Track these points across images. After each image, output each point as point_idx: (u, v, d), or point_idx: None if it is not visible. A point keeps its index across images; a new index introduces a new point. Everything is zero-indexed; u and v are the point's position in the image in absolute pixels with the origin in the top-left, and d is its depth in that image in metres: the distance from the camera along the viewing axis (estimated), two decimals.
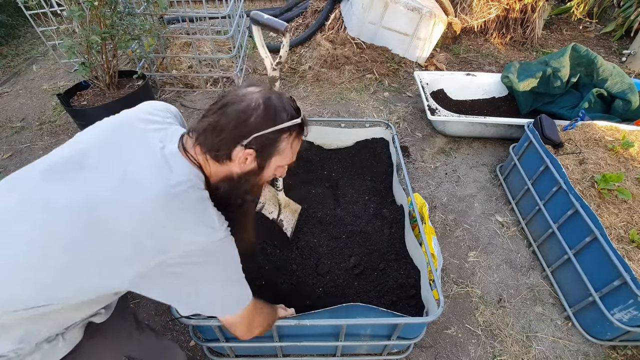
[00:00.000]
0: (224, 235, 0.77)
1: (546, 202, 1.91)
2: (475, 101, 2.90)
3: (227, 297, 0.85)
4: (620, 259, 1.45)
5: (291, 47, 3.69)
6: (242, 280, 0.87)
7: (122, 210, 0.69)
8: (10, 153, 2.52)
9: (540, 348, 1.64)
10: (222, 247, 0.77)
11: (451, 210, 2.24)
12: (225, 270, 0.81)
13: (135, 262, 0.70)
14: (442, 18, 3.28)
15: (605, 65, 2.50)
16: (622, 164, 1.89)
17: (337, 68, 3.43)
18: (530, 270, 1.94)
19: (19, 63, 3.50)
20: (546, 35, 4.16)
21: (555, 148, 2.05)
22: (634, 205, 1.71)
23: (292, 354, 1.53)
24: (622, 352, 1.62)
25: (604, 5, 4.16)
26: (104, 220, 0.68)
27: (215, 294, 0.82)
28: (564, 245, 1.74)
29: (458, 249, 2.03)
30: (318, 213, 1.81)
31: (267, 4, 4.75)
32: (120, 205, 0.69)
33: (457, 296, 1.82)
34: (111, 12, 2.18)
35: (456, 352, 1.62)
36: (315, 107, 3.07)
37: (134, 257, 0.70)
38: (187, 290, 0.78)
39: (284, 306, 1.26)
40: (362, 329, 1.34)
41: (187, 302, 0.81)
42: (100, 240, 0.68)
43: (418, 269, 1.52)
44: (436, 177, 2.46)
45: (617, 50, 3.92)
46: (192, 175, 0.77)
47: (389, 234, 1.69)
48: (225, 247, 0.78)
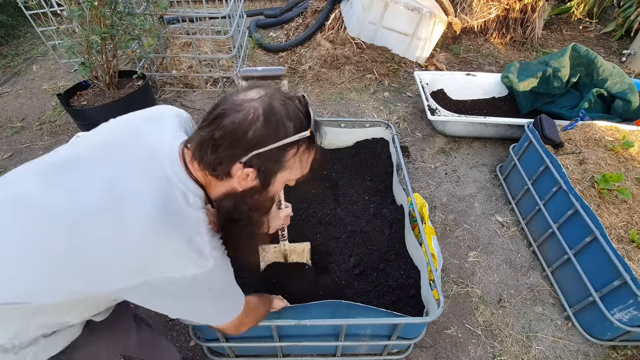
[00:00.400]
0: (213, 264, 0.71)
1: (546, 202, 1.91)
2: (475, 101, 2.90)
3: (217, 311, 0.84)
4: (620, 259, 1.45)
5: (291, 47, 3.69)
6: (234, 294, 0.85)
7: (107, 226, 0.65)
8: (10, 153, 2.52)
9: (540, 348, 1.64)
10: (212, 276, 0.72)
11: (451, 210, 2.24)
12: (215, 292, 0.77)
13: (113, 279, 0.67)
14: (442, 18, 3.28)
15: (605, 65, 2.50)
16: (622, 164, 1.89)
17: (337, 68, 3.43)
18: (530, 270, 1.94)
19: (19, 63, 3.50)
20: (546, 35, 4.16)
21: (555, 148, 2.05)
22: (634, 205, 1.70)
23: (292, 354, 1.53)
24: (622, 352, 1.62)
25: (604, 5, 4.16)
26: (84, 232, 0.65)
27: (205, 311, 0.82)
28: (564, 245, 1.74)
29: (458, 249, 2.03)
30: (318, 213, 1.81)
31: (267, 4, 4.75)
32: (105, 220, 0.65)
33: (457, 296, 1.82)
34: (111, 12, 2.18)
35: (456, 352, 1.62)
36: (315, 107, 3.07)
37: (114, 275, 0.67)
38: (172, 306, 0.76)
39: (281, 297, 1.25)
40: (362, 329, 1.34)
41: (173, 313, 0.79)
42: (76, 252, 0.65)
43: (418, 269, 1.52)
44: (436, 177, 2.46)
45: (617, 50, 3.92)
46: (189, 193, 0.71)
47: (389, 234, 1.69)
48: (215, 275, 0.73)
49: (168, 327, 1.67)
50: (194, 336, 1.35)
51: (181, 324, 1.66)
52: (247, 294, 0.94)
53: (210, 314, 0.83)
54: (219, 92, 3.19)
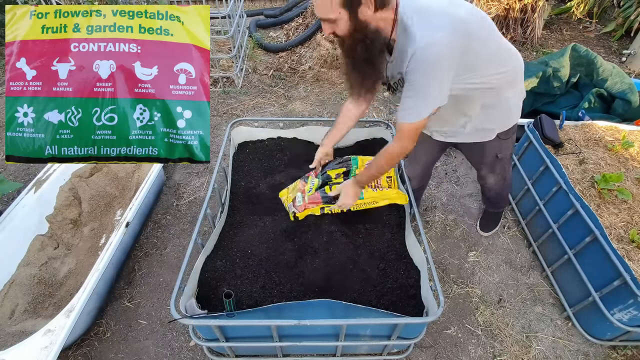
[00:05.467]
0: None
1: (546, 202, 1.91)
2: None
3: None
4: (620, 259, 1.45)
5: (291, 47, 3.69)
6: (431, 95, 1.13)
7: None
8: None
9: (540, 348, 1.64)
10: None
11: (451, 210, 2.24)
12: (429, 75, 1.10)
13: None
14: None
15: (605, 65, 2.50)
16: (622, 164, 1.89)
17: (337, 68, 3.43)
18: (530, 270, 1.94)
19: None
20: (546, 35, 4.16)
21: (555, 148, 2.05)
22: (634, 205, 1.71)
23: (292, 354, 1.53)
24: (622, 352, 1.62)
25: (604, 5, 4.16)
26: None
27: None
28: (564, 245, 1.74)
29: (458, 249, 2.03)
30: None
31: (267, 4, 4.75)
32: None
33: (457, 296, 1.82)
34: None
35: (456, 352, 1.62)
36: (315, 107, 3.07)
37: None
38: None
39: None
40: (362, 329, 1.34)
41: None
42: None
43: (418, 269, 1.52)
44: (436, 177, 2.46)
45: (617, 50, 3.92)
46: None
47: (389, 234, 1.69)
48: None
49: (168, 327, 1.67)
50: (194, 336, 1.35)
51: (181, 324, 1.66)
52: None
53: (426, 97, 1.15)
54: (219, 92, 3.19)
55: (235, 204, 1.76)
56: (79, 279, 1.72)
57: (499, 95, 1.33)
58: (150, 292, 1.81)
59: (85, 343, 1.62)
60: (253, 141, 2.08)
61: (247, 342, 1.39)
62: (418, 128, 1.21)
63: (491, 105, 1.35)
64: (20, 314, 1.58)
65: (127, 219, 1.74)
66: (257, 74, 3.47)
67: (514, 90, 1.39)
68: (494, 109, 1.37)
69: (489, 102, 1.33)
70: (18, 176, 2.43)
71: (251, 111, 3.02)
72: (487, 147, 1.57)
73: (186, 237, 2.06)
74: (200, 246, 1.48)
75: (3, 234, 1.75)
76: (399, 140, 1.27)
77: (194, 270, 1.38)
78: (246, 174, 1.91)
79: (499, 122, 1.45)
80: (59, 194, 2.00)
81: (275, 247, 1.58)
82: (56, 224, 1.92)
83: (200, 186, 2.36)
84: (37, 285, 1.67)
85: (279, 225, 1.66)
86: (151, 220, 2.15)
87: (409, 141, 1.26)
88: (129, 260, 1.93)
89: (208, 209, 1.56)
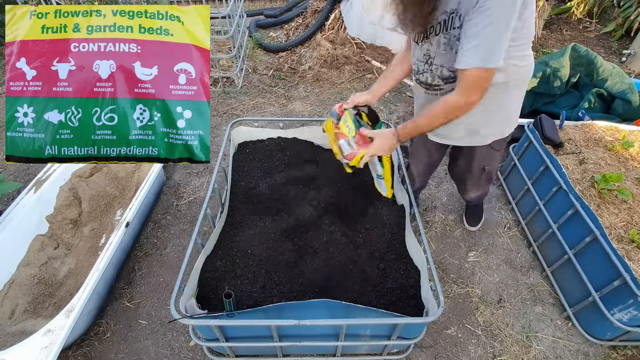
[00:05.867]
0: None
1: (546, 202, 1.91)
2: None
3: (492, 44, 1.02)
4: (620, 259, 1.45)
5: (291, 47, 3.69)
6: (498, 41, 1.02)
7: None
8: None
9: (540, 348, 1.64)
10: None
11: (451, 210, 2.24)
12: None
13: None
14: None
15: (605, 65, 2.50)
16: (622, 164, 1.89)
17: (337, 68, 3.44)
18: (530, 270, 1.94)
19: None
20: (546, 35, 4.16)
21: (555, 148, 2.05)
22: (634, 205, 1.71)
23: (292, 354, 1.53)
24: (622, 352, 1.62)
25: (604, 5, 4.16)
26: None
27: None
28: (564, 245, 1.74)
29: (458, 249, 2.03)
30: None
31: (267, 4, 4.75)
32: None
33: (457, 296, 1.82)
34: None
35: (456, 352, 1.62)
36: (315, 107, 3.07)
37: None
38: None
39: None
40: (362, 329, 1.34)
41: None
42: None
43: (418, 269, 1.52)
44: (436, 177, 2.46)
45: (617, 50, 3.92)
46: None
47: (389, 234, 1.69)
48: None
49: (168, 327, 1.67)
50: (194, 336, 1.35)
51: (181, 324, 1.66)
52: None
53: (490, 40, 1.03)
54: (219, 92, 3.19)
55: (235, 204, 1.76)
56: (79, 279, 1.72)
57: (505, 93, 1.30)
58: (150, 292, 1.81)
59: (85, 343, 1.62)
60: (253, 141, 2.08)
61: (247, 342, 1.39)
62: (488, 78, 1.07)
63: (492, 109, 1.35)
64: (20, 314, 1.58)
65: (127, 219, 1.74)
66: (257, 74, 3.47)
67: (518, 94, 1.37)
68: (494, 113, 1.37)
69: (490, 105, 1.32)
70: (18, 176, 2.43)
71: (251, 111, 3.02)
72: (477, 154, 1.56)
73: (186, 237, 2.06)
74: (200, 246, 1.48)
75: (3, 234, 1.75)
76: (464, 90, 1.10)
77: (194, 270, 1.38)
78: (246, 174, 1.91)
79: (495, 127, 1.44)
80: (59, 194, 2.00)
81: (275, 247, 1.58)
82: (56, 224, 1.92)
83: (200, 186, 2.36)
84: (37, 285, 1.67)
85: (279, 225, 1.66)
86: (151, 220, 2.15)
87: (475, 92, 1.10)
88: (129, 260, 1.93)
89: (208, 209, 1.56)
